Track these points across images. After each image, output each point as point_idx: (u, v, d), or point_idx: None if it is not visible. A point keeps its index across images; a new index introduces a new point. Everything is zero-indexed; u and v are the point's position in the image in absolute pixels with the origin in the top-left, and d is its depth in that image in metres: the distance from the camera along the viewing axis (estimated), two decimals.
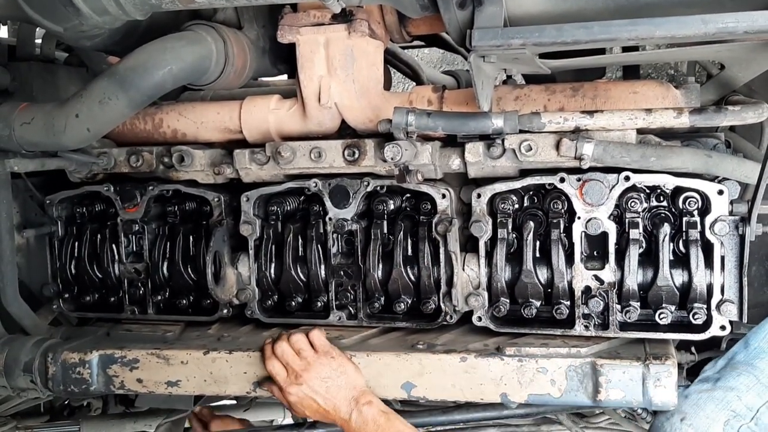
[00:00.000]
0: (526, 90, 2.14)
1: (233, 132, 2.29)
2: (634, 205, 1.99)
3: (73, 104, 1.92)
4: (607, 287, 2.00)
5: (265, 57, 2.29)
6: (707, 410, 1.86)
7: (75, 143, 2.00)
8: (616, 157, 1.90)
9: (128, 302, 2.39)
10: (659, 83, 2.07)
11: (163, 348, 2.18)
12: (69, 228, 2.45)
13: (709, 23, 1.49)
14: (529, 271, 2.04)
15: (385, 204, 2.18)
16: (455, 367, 1.99)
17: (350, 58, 2.09)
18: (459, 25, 1.67)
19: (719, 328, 1.95)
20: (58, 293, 2.45)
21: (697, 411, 1.87)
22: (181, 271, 2.35)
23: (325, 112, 2.16)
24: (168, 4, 1.74)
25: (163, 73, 1.90)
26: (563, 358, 1.95)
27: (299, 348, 2.02)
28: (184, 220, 2.40)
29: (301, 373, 1.98)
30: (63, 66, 2.68)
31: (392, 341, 2.16)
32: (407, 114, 1.93)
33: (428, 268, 2.13)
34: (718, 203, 1.92)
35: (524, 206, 2.13)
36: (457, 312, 2.13)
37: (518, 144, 1.97)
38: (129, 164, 2.29)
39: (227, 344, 2.19)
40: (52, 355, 2.21)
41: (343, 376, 1.97)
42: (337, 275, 2.20)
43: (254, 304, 2.26)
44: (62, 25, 1.80)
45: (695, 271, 1.95)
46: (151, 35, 1.99)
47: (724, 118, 1.89)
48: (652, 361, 1.88)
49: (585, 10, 1.60)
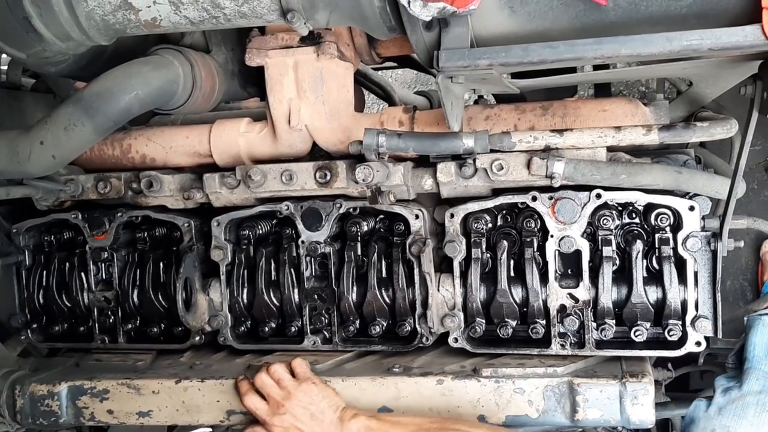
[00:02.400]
0: (496, 110, 2.14)
1: (203, 156, 2.26)
2: (606, 223, 1.99)
3: (38, 131, 1.89)
4: (582, 305, 1.99)
5: (235, 80, 2.27)
6: (748, 417, 1.84)
7: (40, 171, 1.96)
8: (587, 175, 1.90)
9: (98, 331, 2.34)
10: (628, 101, 2.08)
11: (133, 378, 2.14)
12: (36, 257, 2.40)
13: (674, 41, 1.49)
14: (504, 290, 2.03)
15: (358, 226, 2.16)
16: (432, 390, 1.97)
17: (319, 80, 2.08)
18: (426, 46, 1.66)
19: (695, 344, 1.95)
20: (27, 324, 2.39)
21: (739, 421, 1.84)
22: (152, 299, 2.30)
23: (295, 134, 2.14)
24: (132, 29, 1.73)
25: (129, 98, 1.87)
26: (540, 378, 1.93)
27: (279, 378, 1.99)
28: (154, 246, 2.36)
29: (282, 402, 1.95)
30: (29, 92, 2.65)
31: (368, 365, 2.13)
32: (378, 135, 1.93)
33: (403, 290, 2.11)
34: (689, 219, 1.93)
35: (498, 225, 2.13)
36: (433, 334, 2.11)
37: (489, 163, 1.96)
38: (97, 191, 2.25)
39: (199, 372, 2.15)
40: (20, 387, 2.17)
41: (325, 400, 1.94)
42: (311, 299, 2.17)
43: (227, 331, 2.22)
44: (25, 51, 1.77)
45: (669, 288, 1.95)
46: (118, 60, 1.97)
47: (693, 135, 1.91)
48: (629, 379, 1.88)
49: (551, 29, 1.60)
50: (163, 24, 1.70)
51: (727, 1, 1.49)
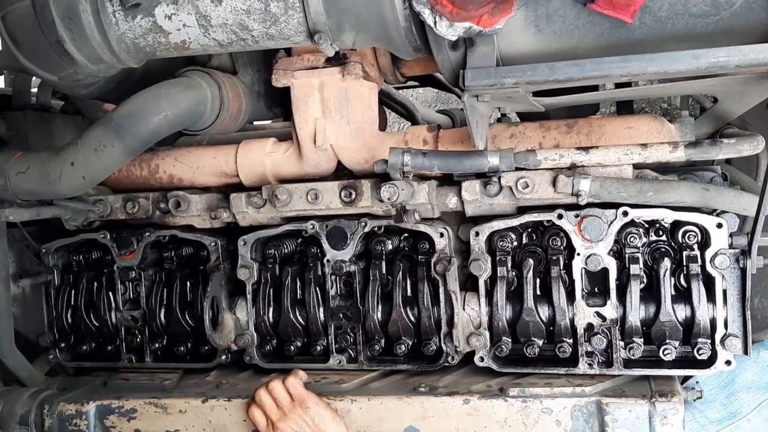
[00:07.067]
0: (521, 127, 2.14)
1: (229, 176, 2.28)
2: (633, 240, 1.98)
3: (69, 152, 1.92)
4: (610, 324, 1.97)
5: (260, 101, 2.30)
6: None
7: (70, 191, 1.99)
8: (614, 192, 1.89)
9: (125, 350, 2.36)
10: (653, 118, 2.08)
11: (161, 397, 2.15)
12: (65, 276, 2.43)
13: (701, 58, 1.49)
14: (530, 309, 2.02)
15: (383, 244, 2.16)
16: (458, 409, 1.96)
17: (345, 100, 2.10)
18: (452, 65, 1.68)
19: (725, 362, 1.92)
20: (55, 343, 2.42)
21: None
22: (179, 318, 2.32)
23: (321, 153, 2.16)
24: (162, 51, 1.76)
25: (159, 120, 1.90)
26: (568, 397, 1.92)
27: (276, 396, 2.01)
28: (181, 265, 2.38)
29: (277, 423, 1.98)
30: (59, 114, 2.69)
31: (393, 384, 2.12)
32: (403, 154, 1.93)
33: (428, 309, 2.10)
34: (717, 236, 1.91)
35: (523, 243, 2.12)
36: (459, 353, 2.10)
37: (515, 181, 1.96)
38: (125, 211, 2.28)
39: (226, 391, 2.15)
40: (48, 407, 2.18)
41: (315, 428, 1.96)
42: (337, 318, 2.17)
43: (253, 350, 2.23)
44: (57, 74, 1.81)
45: (698, 306, 1.93)
46: (147, 82, 2.00)
47: (720, 152, 1.89)
48: (658, 399, 1.86)
49: (577, 48, 1.61)
50: (192, 46, 1.74)
51: (755, 18, 1.49)
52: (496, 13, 1.50)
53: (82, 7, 1.67)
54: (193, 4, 1.65)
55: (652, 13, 1.53)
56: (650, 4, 1.51)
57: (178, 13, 1.66)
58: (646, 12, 1.53)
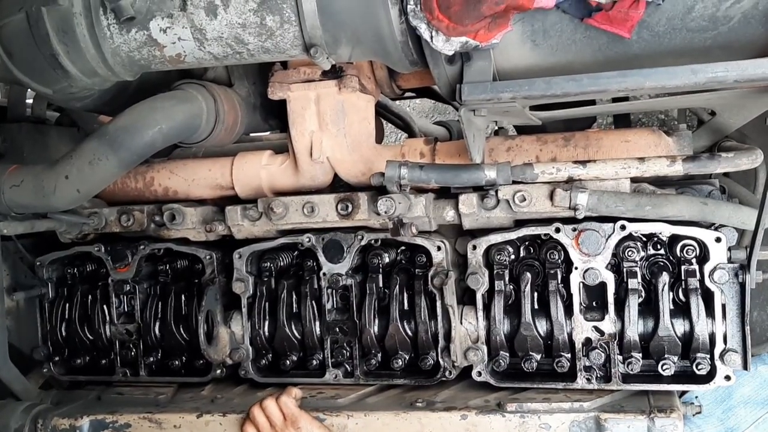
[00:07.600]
0: (518, 141, 2.13)
1: (225, 188, 2.27)
2: (631, 254, 1.97)
3: (63, 165, 1.91)
4: (608, 338, 1.96)
5: (256, 113, 2.29)
6: None
7: (65, 204, 1.98)
8: (611, 206, 1.88)
9: (120, 364, 2.34)
10: (651, 131, 2.07)
11: (155, 411, 2.13)
12: (59, 289, 2.42)
13: (699, 73, 1.49)
14: (528, 323, 2.00)
15: (379, 258, 2.15)
16: (456, 425, 1.94)
17: (341, 113, 2.09)
18: (449, 80, 1.67)
19: (724, 377, 1.91)
20: (49, 356, 2.40)
21: None
22: (173, 332, 2.30)
23: (317, 166, 2.15)
24: (157, 64, 1.75)
25: (153, 133, 1.89)
26: (566, 413, 1.90)
27: (269, 414, 1.99)
28: (176, 278, 2.36)
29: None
30: (54, 126, 2.68)
31: (390, 399, 2.11)
32: (400, 167, 1.92)
33: (425, 323, 2.09)
34: (716, 251, 1.90)
35: (520, 257, 2.11)
36: (456, 367, 2.08)
37: (512, 195, 1.95)
38: (120, 224, 2.27)
39: (221, 406, 2.13)
40: (42, 421, 2.17)
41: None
42: (333, 332, 2.16)
43: (248, 364, 2.21)
44: (52, 87, 1.80)
45: (696, 321, 1.92)
46: (142, 95, 1.99)
47: (718, 165, 1.89)
48: (657, 414, 1.84)
49: (574, 62, 1.60)
50: (187, 60, 1.73)
51: (752, 33, 1.49)
52: (492, 27, 1.50)
53: (76, 20, 1.66)
54: (188, 18, 1.64)
55: (650, 28, 1.52)
56: (648, 19, 1.51)
57: (173, 27, 1.65)
58: (643, 27, 1.52)
